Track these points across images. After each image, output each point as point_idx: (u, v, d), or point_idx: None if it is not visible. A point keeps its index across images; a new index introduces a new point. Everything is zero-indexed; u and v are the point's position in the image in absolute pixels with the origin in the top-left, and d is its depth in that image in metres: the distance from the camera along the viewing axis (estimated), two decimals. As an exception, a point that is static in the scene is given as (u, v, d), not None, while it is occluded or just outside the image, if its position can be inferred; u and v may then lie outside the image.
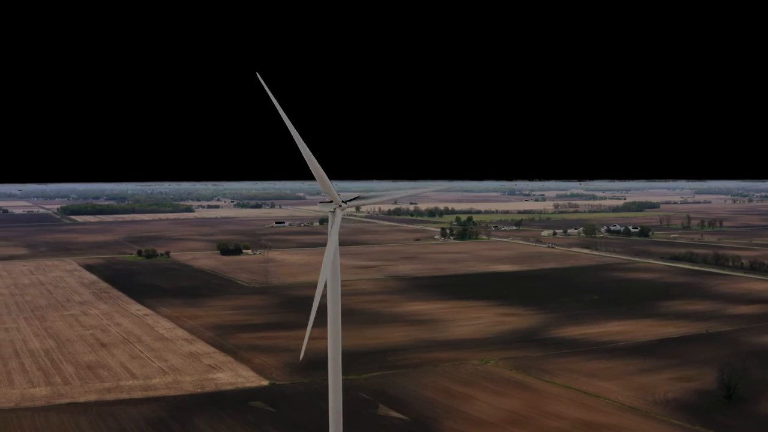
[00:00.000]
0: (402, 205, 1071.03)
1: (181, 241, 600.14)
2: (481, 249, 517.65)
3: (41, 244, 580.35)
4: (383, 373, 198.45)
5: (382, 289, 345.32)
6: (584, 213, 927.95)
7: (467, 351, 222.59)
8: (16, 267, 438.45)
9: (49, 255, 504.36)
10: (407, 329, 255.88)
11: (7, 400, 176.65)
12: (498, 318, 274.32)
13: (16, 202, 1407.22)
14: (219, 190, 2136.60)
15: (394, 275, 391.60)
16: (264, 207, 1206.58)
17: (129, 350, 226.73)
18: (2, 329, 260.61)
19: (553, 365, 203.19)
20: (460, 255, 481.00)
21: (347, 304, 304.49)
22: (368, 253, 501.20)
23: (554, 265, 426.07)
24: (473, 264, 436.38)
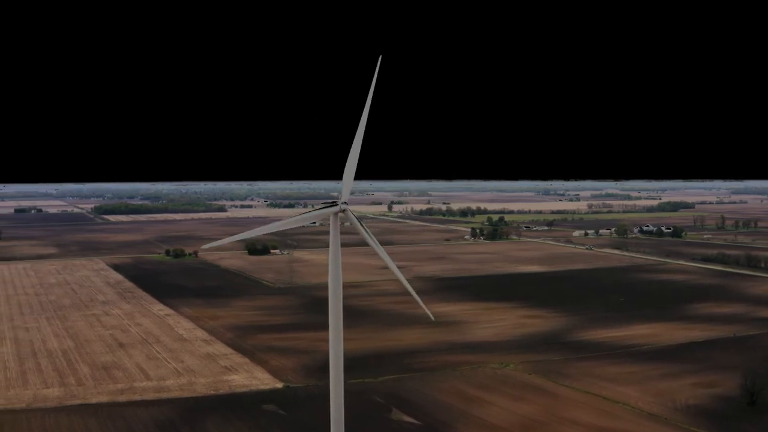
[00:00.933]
0: (434, 205, 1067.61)
1: (209, 241, 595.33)
2: (511, 249, 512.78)
3: (71, 244, 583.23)
4: (400, 376, 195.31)
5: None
6: (618, 213, 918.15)
7: (487, 354, 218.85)
8: (44, 266, 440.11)
9: (78, 254, 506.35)
10: (428, 331, 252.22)
11: (20, 401, 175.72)
12: (521, 320, 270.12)
13: (51, 202, 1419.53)
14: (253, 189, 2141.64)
15: (421, 276, 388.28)
16: (297, 207, 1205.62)
17: (146, 351, 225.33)
18: (23, 329, 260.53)
19: (574, 369, 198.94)
20: (489, 255, 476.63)
21: (372, 305, 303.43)
22: (397, 254, 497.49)
23: (583, 266, 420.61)
24: (501, 265, 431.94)
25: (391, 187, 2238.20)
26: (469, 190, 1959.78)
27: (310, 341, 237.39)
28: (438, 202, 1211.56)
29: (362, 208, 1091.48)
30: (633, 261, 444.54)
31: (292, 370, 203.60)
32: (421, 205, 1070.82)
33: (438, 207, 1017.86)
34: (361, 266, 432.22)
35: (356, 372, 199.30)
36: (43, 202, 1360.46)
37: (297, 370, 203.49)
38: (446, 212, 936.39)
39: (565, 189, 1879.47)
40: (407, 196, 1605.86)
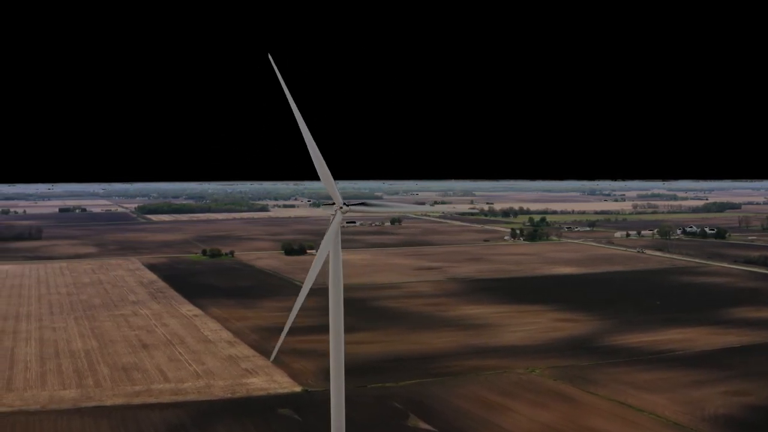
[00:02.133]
0: (476, 205, 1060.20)
1: (248, 241, 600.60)
2: (550, 250, 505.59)
3: (110, 243, 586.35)
4: (421, 381, 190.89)
5: (440, 292, 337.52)
6: (662, 214, 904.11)
7: (515, 358, 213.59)
8: (81, 266, 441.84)
9: (116, 254, 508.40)
10: (456, 334, 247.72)
11: (35, 402, 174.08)
12: (553, 324, 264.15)
13: (96, 201, 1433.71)
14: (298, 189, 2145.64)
15: (455, 277, 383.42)
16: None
17: (169, 352, 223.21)
18: (50, 328, 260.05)
19: (602, 376, 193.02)
20: (527, 257, 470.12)
21: (404, 307, 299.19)
22: (434, 254, 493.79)
23: (621, 268, 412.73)
24: (538, 266, 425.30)
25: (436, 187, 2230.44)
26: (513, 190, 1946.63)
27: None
28: (481, 202, 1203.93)
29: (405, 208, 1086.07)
30: (673, 263, 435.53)
31: (312, 373, 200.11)
32: (464, 205, 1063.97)
33: (481, 207, 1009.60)
34: (400, 267, 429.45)
35: (378, 376, 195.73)
36: (89, 202, 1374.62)
37: (317, 373, 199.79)
38: (488, 212, 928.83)
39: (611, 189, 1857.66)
40: (451, 196, 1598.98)
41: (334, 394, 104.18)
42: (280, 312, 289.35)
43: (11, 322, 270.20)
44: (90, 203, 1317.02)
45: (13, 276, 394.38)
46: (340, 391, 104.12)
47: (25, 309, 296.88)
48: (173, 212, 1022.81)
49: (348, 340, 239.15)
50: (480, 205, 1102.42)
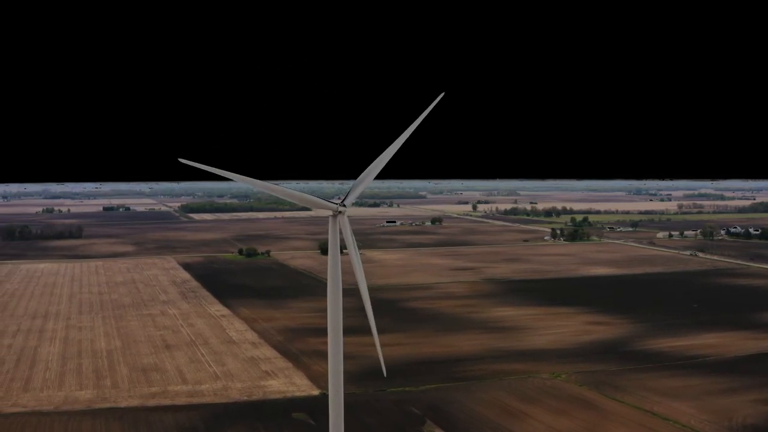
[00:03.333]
0: (519, 205, 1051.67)
1: (286, 240, 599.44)
2: (589, 251, 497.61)
3: (149, 242, 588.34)
4: (443, 386, 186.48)
5: (473, 293, 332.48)
6: (707, 214, 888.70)
7: (541, 363, 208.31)
8: (116, 264, 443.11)
9: (153, 253, 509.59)
10: (484, 337, 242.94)
11: (49, 403, 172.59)
12: (585, 327, 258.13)
13: (142, 200, 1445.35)
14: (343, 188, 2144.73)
15: (490, 278, 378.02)
16: (382, 206, 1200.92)
17: (191, 353, 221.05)
18: (76, 328, 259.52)
19: (629, 382, 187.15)
20: (565, 257, 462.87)
21: (433, 308, 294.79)
22: (471, 254, 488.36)
23: (661, 270, 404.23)
24: (576, 267, 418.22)
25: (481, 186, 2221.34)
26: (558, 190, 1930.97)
27: (358, 346, 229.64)
28: (525, 202, 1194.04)
29: (447, 208, 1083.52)
30: (715, 264, 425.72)
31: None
32: (507, 205, 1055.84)
33: (523, 207, 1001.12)
34: (435, 267, 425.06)
35: (399, 380, 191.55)
36: (134, 201, 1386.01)
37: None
38: (531, 212, 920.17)
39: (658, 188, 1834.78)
40: (495, 196, 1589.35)
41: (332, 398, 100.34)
42: (309, 313, 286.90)
43: (39, 321, 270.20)
44: (135, 202, 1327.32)
45: (47, 274, 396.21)
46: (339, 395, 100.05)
47: (54, 308, 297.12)
48: (216, 211, 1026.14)
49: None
50: (523, 204, 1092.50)
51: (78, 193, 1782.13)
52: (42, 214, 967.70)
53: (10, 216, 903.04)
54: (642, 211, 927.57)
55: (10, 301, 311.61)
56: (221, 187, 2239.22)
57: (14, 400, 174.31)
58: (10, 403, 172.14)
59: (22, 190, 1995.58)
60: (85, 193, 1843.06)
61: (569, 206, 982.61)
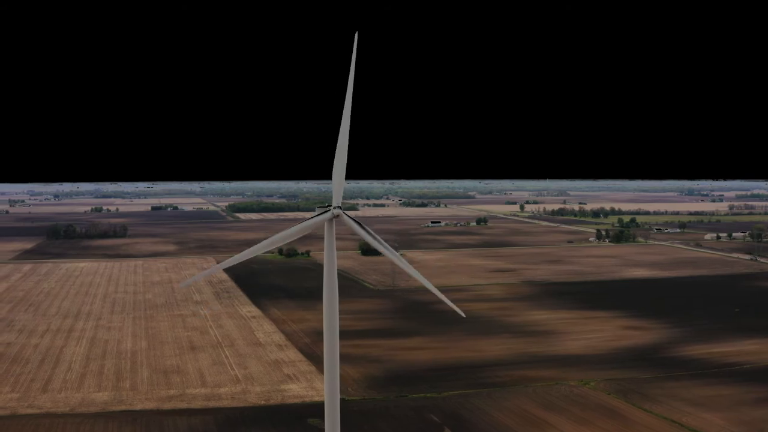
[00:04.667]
0: (567, 205, 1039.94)
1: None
2: (633, 253, 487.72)
3: (192, 242, 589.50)
4: (466, 392, 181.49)
5: (510, 295, 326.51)
6: (759, 215, 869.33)
7: (571, 369, 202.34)
8: (155, 264, 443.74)
9: (194, 252, 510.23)
10: (515, 341, 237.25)
11: (65, 404, 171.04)
12: (620, 331, 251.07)
13: (191, 200, 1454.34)
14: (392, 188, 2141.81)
15: (529, 280, 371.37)
16: (429, 206, 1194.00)
17: (215, 355, 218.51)
18: (105, 328, 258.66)
19: (659, 390, 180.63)
20: (608, 259, 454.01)
21: (468, 311, 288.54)
22: (513, 256, 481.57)
23: (705, 272, 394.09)
24: (618, 269, 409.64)
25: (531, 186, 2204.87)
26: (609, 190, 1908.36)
27: (386, 349, 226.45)
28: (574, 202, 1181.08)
29: (494, 208, 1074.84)
30: (762, 267, 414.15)
31: (355, 380, 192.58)
32: (555, 205, 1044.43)
33: (571, 207, 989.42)
34: (475, 268, 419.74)
35: (422, 386, 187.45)
36: (183, 200, 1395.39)
37: (360, 381, 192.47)
38: (578, 212, 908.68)
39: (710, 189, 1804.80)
40: (545, 196, 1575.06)
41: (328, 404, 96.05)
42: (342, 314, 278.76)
43: (69, 321, 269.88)
44: (184, 201, 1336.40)
45: (85, 274, 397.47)
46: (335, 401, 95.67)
47: (87, 308, 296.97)
48: (262, 211, 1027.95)
49: (403, 345, 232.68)
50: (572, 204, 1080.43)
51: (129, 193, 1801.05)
52: (90, 213, 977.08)
53: (59, 215, 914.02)
54: (692, 212, 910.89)
55: (45, 300, 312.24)
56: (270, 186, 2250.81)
57: (31, 401, 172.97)
58: (26, 404, 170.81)
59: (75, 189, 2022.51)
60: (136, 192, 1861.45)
61: (618, 207, 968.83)
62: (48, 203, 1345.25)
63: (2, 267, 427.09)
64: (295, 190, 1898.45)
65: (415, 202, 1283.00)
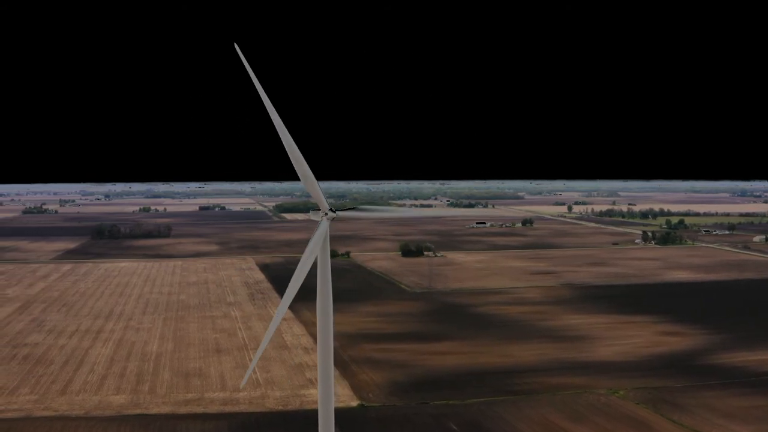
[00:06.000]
0: (616, 206, 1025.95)
1: (371, 241, 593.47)
2: (679, 255, 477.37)
3: (234, 242, 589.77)
4: (490, 400, 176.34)
5: (547, 298, 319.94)
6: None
7: (602, 377, 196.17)
8: (195, 264, 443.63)
9: (235, 253, 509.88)
10: (548, 347, 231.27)
11: (81, 407, 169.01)
12: (657, 337, 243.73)
13: (240, 200, 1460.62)
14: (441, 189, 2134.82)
15: (569, 283, 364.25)
16: (477, 206, 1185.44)
17: (239, 358, 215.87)
18: (134, 329, 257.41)
19: (692, 400, 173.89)
20: (652, 262, 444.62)
21: (502, 314, 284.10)
22: (555, 258, 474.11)
23: (752, 276, 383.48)
24: (661, 272, 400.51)
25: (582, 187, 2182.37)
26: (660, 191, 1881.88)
27: (413, 354, 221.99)
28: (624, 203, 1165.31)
29: (542, 209, 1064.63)
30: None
31: (377, 386, 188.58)
32: (604, 206, 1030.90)
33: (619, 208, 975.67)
34: (514, 270, 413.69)
35: (446, 392, 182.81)
36: (232, 200, 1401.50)
37: (383, 386, 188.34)
38: (627, 213, 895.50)
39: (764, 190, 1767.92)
40: (595, 197, 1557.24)
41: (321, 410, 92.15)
42: (371, 317, 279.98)
43: (100, 322, 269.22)
44: (232, 201, 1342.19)
45: (123, 274, 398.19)
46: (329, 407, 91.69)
47: (119, 308, 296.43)
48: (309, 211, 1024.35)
49: (432, 349, 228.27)
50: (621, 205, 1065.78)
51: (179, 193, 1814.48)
52: (138, 213, 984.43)
53: (106, 215, 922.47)
54: (743, 213, 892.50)
55: (78, 301, 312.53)
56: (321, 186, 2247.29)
57: (47, 404, 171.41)
58: (42, 407, 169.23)
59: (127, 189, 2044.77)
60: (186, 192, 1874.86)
61: (668, 208, 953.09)
62: (98, 203, 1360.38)
63: (42, 267, 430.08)
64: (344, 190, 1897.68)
65: (462, 203, 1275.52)
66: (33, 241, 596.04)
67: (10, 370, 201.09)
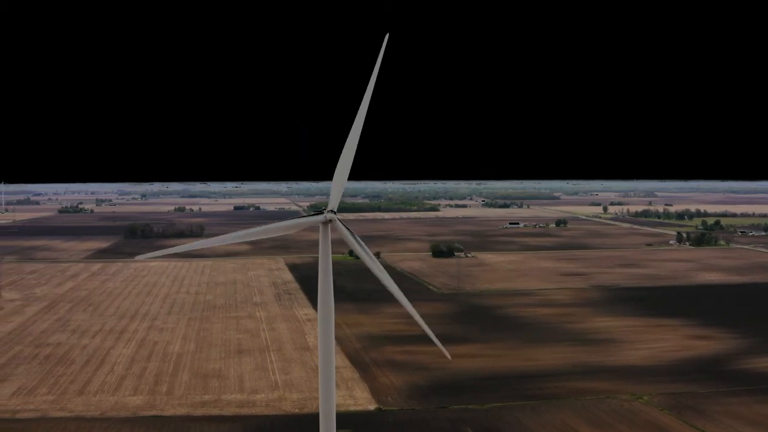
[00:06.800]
0: (652, 207, 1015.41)
1: (403, 242, 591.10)
2: (713, 257, 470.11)
3: (265, 242, 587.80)
4: (510, 404, 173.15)
5: (576, 300, 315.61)
6: None
7: (626, 381, 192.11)
8: (224, 264, 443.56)
9: (266, 253, 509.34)
10: (573, 350, 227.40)
11: (97, 408, 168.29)
12: (685, 341, 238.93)
13: (275, 200, 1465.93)
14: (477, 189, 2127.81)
15: (599, 284, 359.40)
16: (512, 207, 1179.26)
17: (260, 360, 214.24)
18: (158, 329, 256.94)
19: (717, 406, 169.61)
20: (686, 263, 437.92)
21: (530, 316, 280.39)
22: (587, 259, 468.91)
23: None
24: (693, 274, 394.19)
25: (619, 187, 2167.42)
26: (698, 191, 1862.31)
27: (437, 356, 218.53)
28: (660, 204, 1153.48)
29: (577, 209, 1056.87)
30: None
31: (397, 389, 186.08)
32: (640, 207, 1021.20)
33: (655, 209, 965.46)
34: (545, 272, 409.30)
35: (466, 396, 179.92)
36: (267, 200, 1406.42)
37: (402, 389, 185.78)
38: (662, 214, 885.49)
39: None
40: (631, 197, 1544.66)
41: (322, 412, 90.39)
42: (397, 318, 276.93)
43: (124, 322, 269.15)
44: (267, 201, 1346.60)
45: (152, 273, 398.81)
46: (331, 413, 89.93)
47: (145, 308, 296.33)
48: (342, 211, 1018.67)
49: (455, 352, 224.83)
50: (657, 206, 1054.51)
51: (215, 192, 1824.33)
52: (173, 213, 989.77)
53: (141, 214, 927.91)
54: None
55: (105, 300, 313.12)
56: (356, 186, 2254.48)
57: (64, 404, 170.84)
58: (58, 407, 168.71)
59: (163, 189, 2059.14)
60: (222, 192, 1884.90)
61: (704, 208, 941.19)
62: (134, 203, 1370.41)
63: (73, 266, 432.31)
64: (380, 191, 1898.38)
65: (497, 203, 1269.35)
66: (66, 240, 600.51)
67: (30, 370, 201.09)
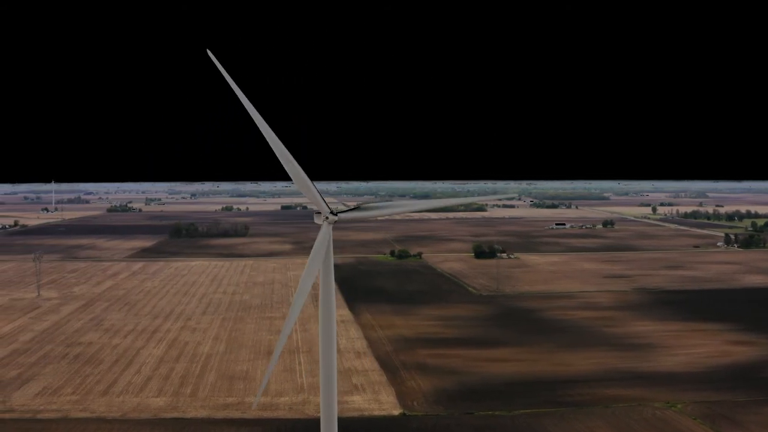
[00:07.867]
0: (702, 208, 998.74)
1: (446, 242, 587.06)
2: (760, 259, 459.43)
3: (309, 241, 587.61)
4: (539, 411, 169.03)
5: (617, 303, 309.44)
6: None
7: (661, 388, 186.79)
8: (264, 264, 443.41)
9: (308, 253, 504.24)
10: (609, 355, 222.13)
11: (119, 409, 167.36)
12: (724, 347, 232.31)
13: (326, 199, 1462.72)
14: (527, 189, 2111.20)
15: (642, 287, 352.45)
16: (560, 207, 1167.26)
17: (288, 361, 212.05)
18: (190, 329, 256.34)
19: (753, 416, 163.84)
20: (732, 266, 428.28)
21: (568, 319, 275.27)
22: (632, 260, 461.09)
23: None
24: (739, 277, 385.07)
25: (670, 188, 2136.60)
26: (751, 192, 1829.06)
27: (467, 360, 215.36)
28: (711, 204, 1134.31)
29: (626, 210, 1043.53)
30: None
31: (424, 394, 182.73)
32: (690, 207, 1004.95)
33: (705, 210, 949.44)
34: (588, 273, 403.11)
35: (495, 402, 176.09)
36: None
37: (429, 394, 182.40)
38: (711, 215, 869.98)
39: None
40: (682, 198, 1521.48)
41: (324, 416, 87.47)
42: (432, 321, 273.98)
43: (158, 321, 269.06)
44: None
45: (192, 273, 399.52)
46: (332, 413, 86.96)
47: (181, 308, 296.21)
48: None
49: (487, 356, 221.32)
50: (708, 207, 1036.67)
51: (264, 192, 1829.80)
52: (219, 212, 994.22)
53: (188, 213, 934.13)
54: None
55: (141, 300, 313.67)
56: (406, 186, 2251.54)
57: (86, 405, 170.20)
58: (80, 408, 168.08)
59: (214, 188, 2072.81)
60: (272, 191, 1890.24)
61: (755, 209, 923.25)
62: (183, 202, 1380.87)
63: (114, 265, 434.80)
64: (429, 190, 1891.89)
65: (545, 203, 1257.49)
66: (110, 239, 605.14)
67: (58, 370, 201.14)
